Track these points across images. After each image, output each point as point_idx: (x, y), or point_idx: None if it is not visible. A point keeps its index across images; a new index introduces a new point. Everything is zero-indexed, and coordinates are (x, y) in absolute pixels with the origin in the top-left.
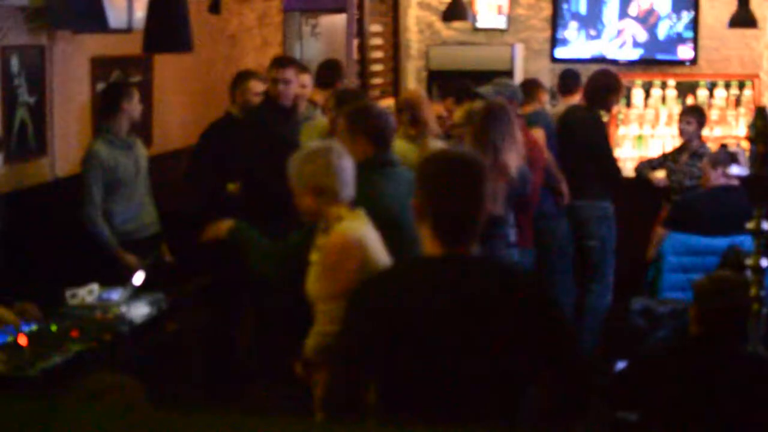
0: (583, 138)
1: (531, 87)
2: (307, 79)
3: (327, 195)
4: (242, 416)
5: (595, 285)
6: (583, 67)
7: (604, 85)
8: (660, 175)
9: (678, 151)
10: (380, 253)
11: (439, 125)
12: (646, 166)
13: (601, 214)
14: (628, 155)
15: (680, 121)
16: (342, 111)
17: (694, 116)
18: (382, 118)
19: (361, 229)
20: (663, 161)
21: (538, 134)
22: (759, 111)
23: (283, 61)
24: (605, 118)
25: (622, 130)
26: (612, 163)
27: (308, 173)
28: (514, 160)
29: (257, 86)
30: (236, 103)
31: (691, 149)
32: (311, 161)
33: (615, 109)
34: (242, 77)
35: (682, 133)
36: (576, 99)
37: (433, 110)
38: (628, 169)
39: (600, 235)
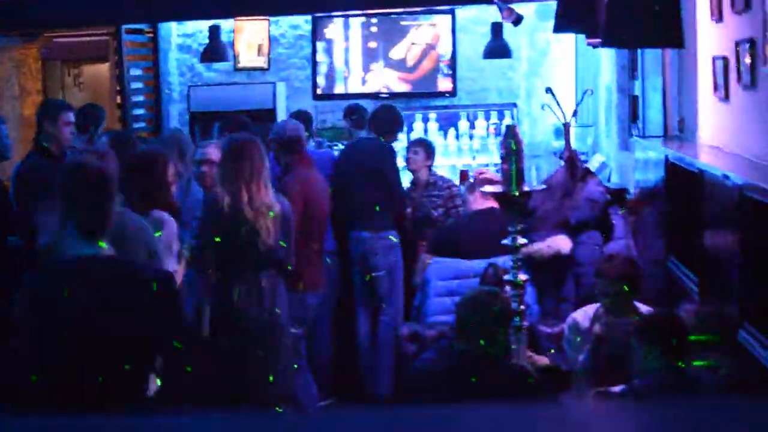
0: (373, 168)
1: None
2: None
3: None
4: None
5: (383, 316)
6: (345, 103)
7: (392, 118)
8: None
9: (411, 187)
10: None
11: None
12: None
13: (387, 244)
14: None
15: (408, 151)
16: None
17: (421, 146)
18: None
19: None
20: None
21: None
22: (508, 129)
23: (70, 106)
24: None
25: None
26: (400, 193)
27: None
28: (265, 197)
29: (3, 130)
30: None
31: (422, 182)
32: None
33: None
34: None
35: (409, 162)
36: (364, 133)
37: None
38: None
39: (386, 265)
